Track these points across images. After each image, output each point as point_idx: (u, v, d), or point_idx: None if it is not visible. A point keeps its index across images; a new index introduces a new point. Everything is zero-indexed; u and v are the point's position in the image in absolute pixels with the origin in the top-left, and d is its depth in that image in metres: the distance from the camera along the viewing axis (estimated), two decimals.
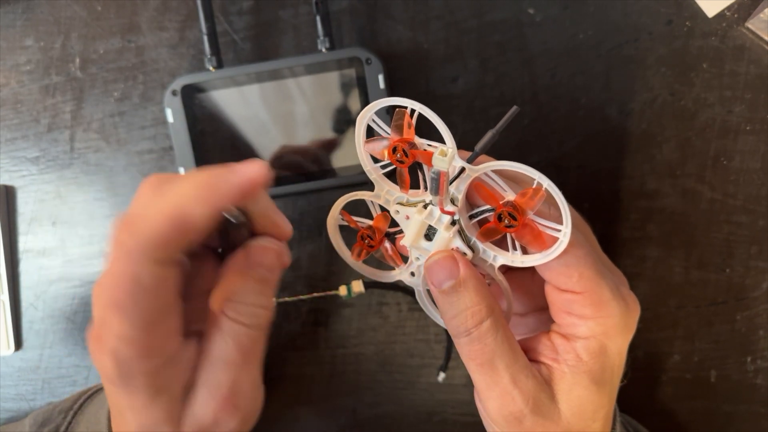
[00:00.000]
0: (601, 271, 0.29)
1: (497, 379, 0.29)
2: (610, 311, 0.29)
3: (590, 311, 0.29)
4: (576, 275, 0.28)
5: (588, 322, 0.29)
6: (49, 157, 0.43)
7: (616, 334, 0.29)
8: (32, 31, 0.42)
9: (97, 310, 0.27)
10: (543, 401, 0.29)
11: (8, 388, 0.45)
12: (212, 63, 0.39)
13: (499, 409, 0.29)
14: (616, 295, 0.29)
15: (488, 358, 0.29)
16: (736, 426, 0.42)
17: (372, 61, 0.39)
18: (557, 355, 0.30)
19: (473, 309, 0.29)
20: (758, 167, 0.40)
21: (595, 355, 0.29)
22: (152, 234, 0.25)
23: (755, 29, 0.39)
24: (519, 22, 0.40)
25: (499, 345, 0.29)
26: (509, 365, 0.29)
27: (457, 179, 0.29)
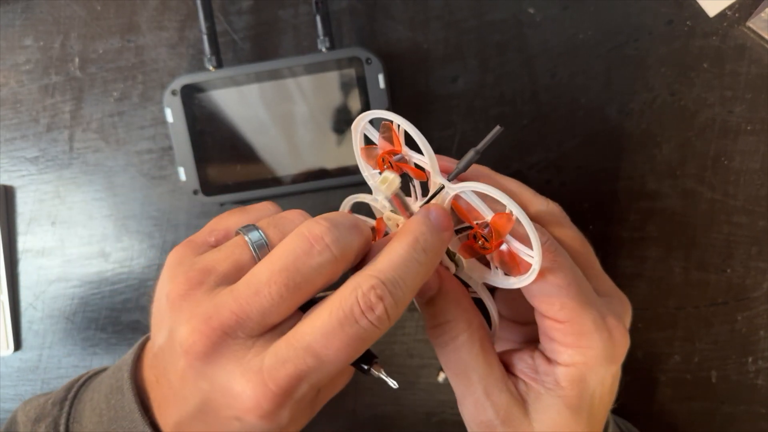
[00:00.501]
0: (584, 302, 0.28)
1: (471, 390, 0.30)
2: (591, 342, 0.28)
3: (571, 340, 0.29)
4: (557, 304, 0.28)
5: (569, 350, 0.29)
6: (49, 157, 0.43)
7: (597, 365, 0.29)
8: (31, 30, 0.42)
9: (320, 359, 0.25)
10: (515, 415, 0.29)
11: (7, 388, 0.45)
12: (212, 63, 0.39)
13: (473, 416, 0.30)
14: (599, 327, 0.28)
15: (462, 369, 0.30)
16: (737, 427, 0.42)
17: (372, 61, 0.39)
18: (536, 375, 0.30)
19: (451, 323, 0.30)
20: (758, 167, 0.40)
21: (573, 383, 0.29)
22: (400, 312, 0.25)
23: (756, 29, 0.39)
24: (519, 22, 0.40)
25: (473, 358, 0.30)
26: (483, 378, 0.29)
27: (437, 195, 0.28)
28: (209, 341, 0.24)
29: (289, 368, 0.24)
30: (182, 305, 0.26)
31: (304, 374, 0.24)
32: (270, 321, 0.25)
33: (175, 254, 0.28)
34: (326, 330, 0.24)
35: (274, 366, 0.24)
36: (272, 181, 0.40)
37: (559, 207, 0.32)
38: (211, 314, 0.25)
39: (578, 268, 0.30)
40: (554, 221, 0.31)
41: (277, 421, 0.25)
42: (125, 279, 0.43)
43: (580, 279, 0.29)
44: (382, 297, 0.24)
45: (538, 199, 0.31)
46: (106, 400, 0.29)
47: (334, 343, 0.24)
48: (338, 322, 0.24)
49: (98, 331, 0.44)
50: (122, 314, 0.43)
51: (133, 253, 0.43)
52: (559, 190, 0.41)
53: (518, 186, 0.32)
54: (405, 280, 0.25)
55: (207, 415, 0.26)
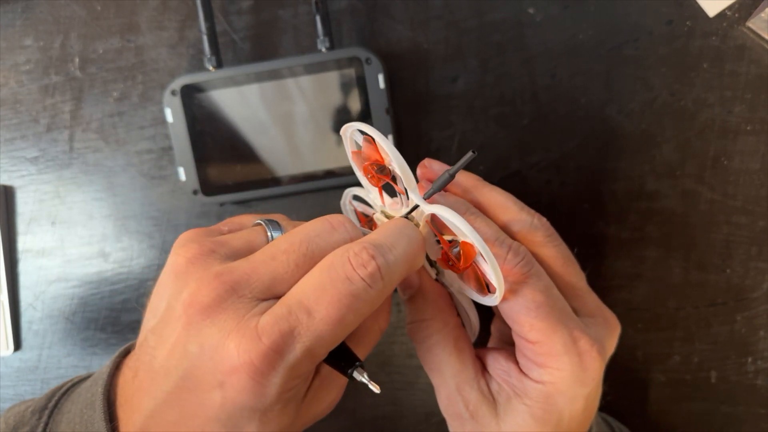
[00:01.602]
0: (555, 324, 0.28)
1: (444, 384, 0.31)
2: (560, 365, 0.29)
3: (541, 360, 0.29)
4: (527, 325, 0.29)
5: (539, 369, 0.29)
6: (48, 157, 0.43)
7: (566, 387, 0.29)
8: (31, 30, 0.42)
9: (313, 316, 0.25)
10: (483, 413, 0.31)
11: (7, 388, 0.45)
12: (212, 63, 0.39)
13: (445, 407, 0.32)
14: (568, 350, 0.29)
15: (437, 365, 0.31)
16: (736, 427, 0.42)
17: (372, 60, 0.39)
18: (509, 378, 0.31)
19: (427, 322, 0.31)
20: (758, 168, 0.40)
21: (540, 398, 0.29)
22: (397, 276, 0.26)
23: (756, 29, 0.39)
24: (519, 22, 0.40)
25: (447, 356, 0.31)
26: (455, 375, 0.31)
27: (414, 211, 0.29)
28: (215, 293, 0.24)
29: (282, 324, 0.24)
30: (190, 269, 0.26)
31: (296, 331, 0.24)
32: (279, 288, 0.25)
33: (186, 234, 0.28)
34: (317, 285, 0.24)
35: (269, 322, 0.24)
36: (272, 181, 0.40)
37: (545, 222, 0.32)
38: (223, 272, 0.25)
39: (555, 288, 0.30)
40: (536, 240, 0.31)
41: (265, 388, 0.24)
42: (125, 279, 0.43)
43: (554, 300, 0.29)
44: (374, 256, 0.25)
45: (522, 214, 0.31)
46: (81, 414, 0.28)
47: (325, 298, 0.24)
48: (329, 279, 0.24)
49: (98, 331, 0.44)
50: (122, 314, 0.43)
51: (133, 253, 0.43)
52: (559, 190, 0.41)
53: (505, 199, 0.32)
54: (395, 248, 0.26)
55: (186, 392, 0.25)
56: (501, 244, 0.29)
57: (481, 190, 0.32)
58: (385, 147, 0.28)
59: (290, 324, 0.24)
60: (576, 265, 0.32)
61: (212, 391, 0.24)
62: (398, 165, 0.27)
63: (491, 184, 0.32)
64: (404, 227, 0.27)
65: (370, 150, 0.29)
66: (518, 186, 0.41)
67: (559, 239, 0.32)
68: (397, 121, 0.41)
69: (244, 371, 0.24)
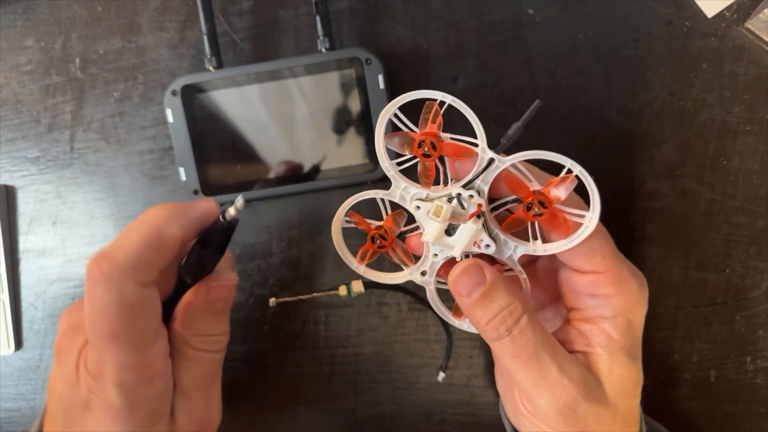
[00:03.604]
0: (617, 252, 0.31)
1: (545, 373, 0.29)
2: (631, 287, 0.30)
3: (613, 289, 0.30)
4: (599, 256, 0.30)
5: (612, 300, 0.30)
6: (50, 157, 0.43)
7: (637, 309, 0.31)
8: (33, 31, 0.42)
9: (91, 348, 0.27)
10: (592, 386, 0.29)
11: (8, 387, 0.45)
12: (212, 63, 0.39)
13: (553, 402, 0.29)
14: (633, 273, 0.31)
15: (533, 352, 0.29)
16: (736, 426, 0.42)
17: (372, 61, 0.39)
18: (588, 340, 0.30)
19: (509, 308, 0.29)
20: (757, 168, 0.40)
21: (624, 331, 0.30)
22: (132, 256, 0.27)
23: (755, 29, 0.39)
24: (519, 22, 0.40)
25: (539, 337, 0.29)
26: (553, 356, 0.29)
27: (484, 171, 0.29)
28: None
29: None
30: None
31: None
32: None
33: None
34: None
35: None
36: (273, 182, 0.40)
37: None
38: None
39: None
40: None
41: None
42: None
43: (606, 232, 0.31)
44: (98, 261, 0.27)
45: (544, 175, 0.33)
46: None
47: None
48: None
49: None
50: None
51: None
52: None
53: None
54: (124, 240, 0.28)
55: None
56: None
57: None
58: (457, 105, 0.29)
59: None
60: None
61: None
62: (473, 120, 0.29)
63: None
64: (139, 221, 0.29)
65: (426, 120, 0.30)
66: None
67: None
68: None
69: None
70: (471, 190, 0.30)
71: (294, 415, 0.44)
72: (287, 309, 0.43)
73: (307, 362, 0.43)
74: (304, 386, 0.43)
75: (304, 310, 0.43)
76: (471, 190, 0.30)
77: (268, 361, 0.43)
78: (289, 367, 0.43)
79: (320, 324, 0.43)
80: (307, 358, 0.43)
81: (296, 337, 0.43)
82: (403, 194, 0.32)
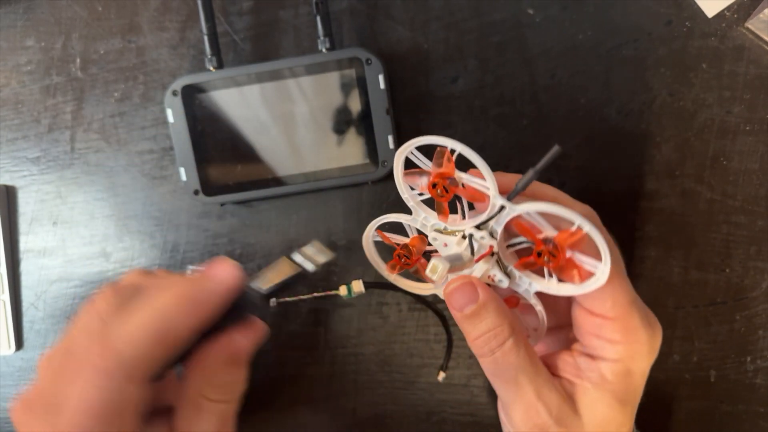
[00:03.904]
0: (632, 299, 0.30)
1: (521, 394, 0.30)
2: (639, 337, 0.30)
3: (620, 336, 0.30)
4: (610, 302, 0.29)
5: (616, 346, 0.30)
6: (50, 157, 0.43)
7: (641, 359, 0.30)
8: (33, 31, 0.42)
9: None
10: (566, 413, 0.30)
11: (9, 387, 0.45)
12: (213, 63, 0.39)
13: (525, 421, 0.30)
14: (644, 323, 0.30)
15: (512, 374, 0.30)
16: (736, 426, 0.42)
17: (372, 61, 0.39)
18: (580, 372, 0.31)
19: (495, 330, 0.30)
20: (757, 168, 0.40)
21: (620, 376, 0.30)
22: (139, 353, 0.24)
23: (755, 29, 0.39)
24: (519, 22, 0.40)
25: (521, 361, 0.30)
26: (532, 380, 0.30)
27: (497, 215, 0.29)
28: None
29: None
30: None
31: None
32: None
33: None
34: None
35: None
36: (273, 182, 0.40)
37: (593, 211, 0.33)
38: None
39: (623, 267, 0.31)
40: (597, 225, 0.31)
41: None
42: None
43: (625, 277, 0.30)
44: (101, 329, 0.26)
45: (577, 204, 0.32)
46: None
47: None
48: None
49: None
50: None
51: (135, 253, 0.43)
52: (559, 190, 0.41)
53: (556, 192, 0.33)
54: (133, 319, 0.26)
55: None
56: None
57: (534, 187, 0.32)
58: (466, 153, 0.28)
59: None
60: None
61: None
62: (482, 168, 0.28)
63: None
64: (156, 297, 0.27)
65: (438, 164, 0.30)
66: None
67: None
68: (397, 121, 0.41)
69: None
70: (484, 230, 0.30)
71: (294, 415, 0.44)
72: (287, 309, 0.43)
73: (307, 362, 0.43)
74: (304, 386, 0.43)
75: (305, 310, 0.43)
76: (484, 230, 0.30)
77: (269, 361, 0.43)
78: (289, 368, 0.43)
79: (320, 324, 0.43)
80: (307, 358, 0.43)
81: (297, 337, 0.43)
82: (423, 222, 0.33)
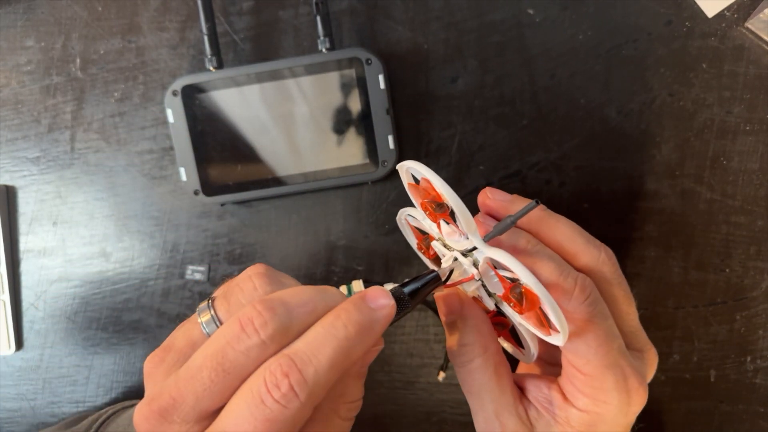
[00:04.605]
0: (610, 362, 0.29)
1: (483, 408, 0.31)
2: (608, 399, 0.29)
3: (590, 392, 0.30)
4: (584, 360, 0.29)
5: (585, 399, 0.30)
6: (50, 157, 0.43)
7: (609, 419, 0.30)
8: (33, 31, 0.42)
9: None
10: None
11: (9, 387, 0.45)
12: (212, 63, 0.39)
13: (482, 430, 0.32)
14: (619, 387, 0.29)
15: (476, 390, 0.31)
16: (735, 426, 0.42)
17: (372, 61, 0.39)
18: (550, 406, 0.31)
19: (468, 347, 0.31)
20: (757, 168, 0.40)
21: (584, 426, 0.30)
22: (322, 381, 0.24)
23: (755, 29, 0.39)
24: (519, 22, 0.40)
25: (486, 381, 0.31)
26: (494, 400, 0.31)
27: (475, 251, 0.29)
28: (149, 424, 0.24)
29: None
30: (146, 383, 0.26)
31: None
32: (204, 406, 0.24)
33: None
34: (238, 415, 0.24)
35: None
36: (273, 182, 0.40)
37: (611, 256, 0.31)
38: (155, 396, 0.25)
39: (615, 325, 0.30)
40: (603, 277, 0.31)
41: None
42: (126, 279, 0.43)
43: (612, 338, 0.30)
44: (288, 373, 0.24)
45: (590, 247, 0.31)
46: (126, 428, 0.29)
47: (246, 429, 0.23)
48: (246, 405, 0.24)
49: (99, 331, 0.44)
50: (123, 314, 0.44)
51: (134, 253, 0.43)
52: (559, 190, 0.41)
53: (571, 231, 0.31)
54: (319, 355, 0.24)
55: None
56: (566, 277, 0.29)
57: (546, 222, 0.31)
58: (443, 190, 0.28)
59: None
60: (634, 302, 0.32)
61: None
62: (456, 208, 0.27)
63: (557, 213, 0.32)
64: (334, 325, 0.25)
65: (428, 187, 0.29)
66: (518, 186, 0.41)
67: (622, 274, 0.32)
68: (398, 121, 0.41)
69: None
70: (470, 257, 0.30)
71: None
72: None
73: None
74: None
75: None
76: (470, 257, 0.30)
77: None
78: None
79: None
80: None
81: None
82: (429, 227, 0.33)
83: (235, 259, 0.43)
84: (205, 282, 0.43)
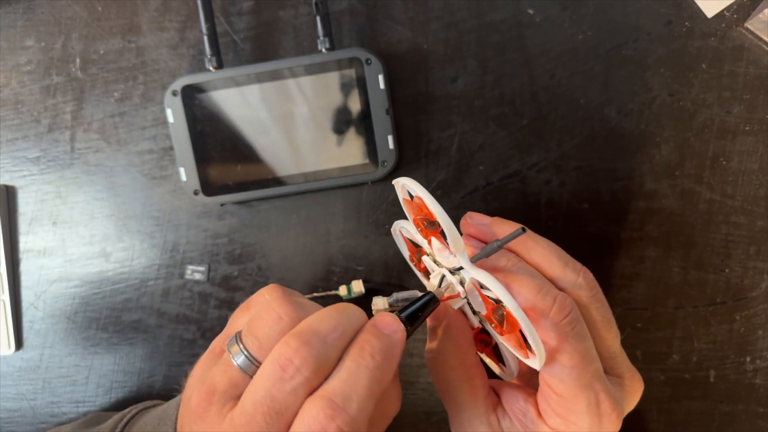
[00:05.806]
0: (584, 384, 0.29)
1: (456, 414, 0.32)
2: (579, 421, 0.30)
3: (561, 412, 0.30)
4: (557, 380, 0.29)
5: (558, 418, 0.30)
6: (50, 157, 0.43)
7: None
8: (33, 31, 0.42)
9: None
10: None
11: (9, 387, 0.45)
12: (212, 63, 0.39)
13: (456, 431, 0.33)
14: (591, 411, 0.29)
15: (452, 398, 0.32)
16: (735, 426, 0.42)
17: (372, 61, 0.39)
18: (524, 419, 0.31)
19: (444, 356, 0.32)
20: (756, 168, 0.40)
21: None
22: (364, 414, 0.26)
23: (754, 30, 0.39)
24: (519, 22, 0.40)
25: (459, 392, 0.32)
26: (467, 409, 0.32)
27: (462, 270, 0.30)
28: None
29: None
30: (198, 424, 0.27)
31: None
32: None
33: (197, 367, 0.29)
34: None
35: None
36: (273, 182, 0.40)
37: (590, 280, 0.31)
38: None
39: (593, 349, 0.30)
40: (580, 300, 0.31)
41: None
42: (126, 279, 0.43)
43: (588, 362, 0.30)
44: (333, 416, 0.24)
45: (567, 271, 0.31)
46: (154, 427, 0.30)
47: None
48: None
49: (99, 331, 0.44)
50: (123, 314, 0.44)
51: (134, 253, 0.43)
52: (559, 190, 0.41)
53: (550, 253, 0.31)
54: (356, 389, 0.25)
55: None
56: (545, 296, 0.29)
57: (525, 244, 0.32)
58: (434, 210, 0.28)
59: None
60: (614, 326, 0.32)
61: None
62: (446, 228, 0.28)
63: (537, 235, 0.32)
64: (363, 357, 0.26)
65: (421, 204, 0.30)
66: (518, 186, 0.41)
67: (602, 297, 0.32)
68: (397, 121, 0.41)
69: None
70: (457, 275, 0.30)
71: None
72: None
73: None
74: None
75: None
76: (457, 275, 0.30)
77: None
78: None
79: None
80: None
81: None
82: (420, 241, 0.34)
83: (235, 259, 0.43)
84: (205, 282, 0.43)
